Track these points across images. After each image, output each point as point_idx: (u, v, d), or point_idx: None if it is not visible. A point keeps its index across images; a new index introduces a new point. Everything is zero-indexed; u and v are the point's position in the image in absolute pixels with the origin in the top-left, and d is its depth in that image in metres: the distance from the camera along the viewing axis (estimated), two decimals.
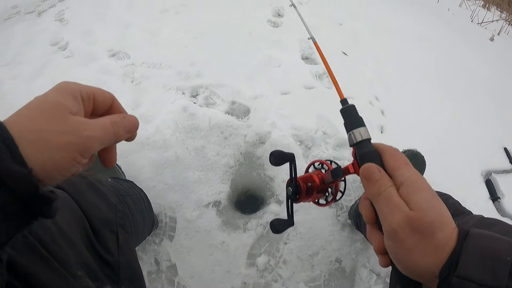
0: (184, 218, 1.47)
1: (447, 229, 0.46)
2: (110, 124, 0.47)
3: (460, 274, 0.43)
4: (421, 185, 0.48)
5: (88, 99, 0.47)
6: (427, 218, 0.45)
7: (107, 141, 0.47)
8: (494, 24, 3.78)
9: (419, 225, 0.45)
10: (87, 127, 0.43)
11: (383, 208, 0.48)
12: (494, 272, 0.42)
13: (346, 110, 0.59)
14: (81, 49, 2.25)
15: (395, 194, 0.48)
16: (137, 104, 1.80)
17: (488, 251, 0.44)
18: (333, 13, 2.75)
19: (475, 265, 0.43)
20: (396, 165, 0.50)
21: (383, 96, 2.07)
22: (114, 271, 0.77)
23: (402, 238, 0.46)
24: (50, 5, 2.86)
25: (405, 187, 0.48)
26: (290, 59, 2.14)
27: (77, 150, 0.41)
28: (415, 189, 0.47)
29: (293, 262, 1.42)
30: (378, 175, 0.50)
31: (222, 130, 1.67)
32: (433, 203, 0.47)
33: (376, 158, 0.52)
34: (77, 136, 0.41)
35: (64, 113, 0.42)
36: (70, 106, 0.43)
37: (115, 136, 0.48)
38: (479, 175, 1.89)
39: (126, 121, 0.50)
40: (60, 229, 0.63)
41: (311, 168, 0.70)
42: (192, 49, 2.17)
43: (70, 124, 0.41)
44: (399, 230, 0.46)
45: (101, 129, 0.45)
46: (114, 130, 0.47)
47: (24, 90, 2.00)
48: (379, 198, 0.49)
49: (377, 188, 0.49)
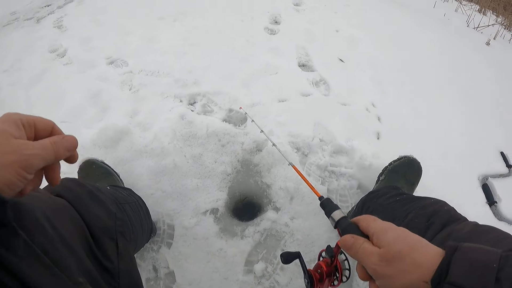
0: (182, 226, 1.48)
1: (420, 250, 0.54)
2: (50, 143, 0.53)
3: (451, 281, 0.48)
4: (386, 229, 0.59)
5: (29, 126, 0.53)
6: (394, 249, 0.55)
7: (48, 158, 0.53)
8: (490, 28, 3.81)
9: (390, 256, 0.55)
10: (27, 147, 0.50)
11: (363, 260, 0.59)
12: (482, 278, 0.47)
13: (324, 202, 0.76)
14: (79, 56, 2.26)
15: (368, 245, 0.59)
16: (135, 112, 1.81)
17: (476, 261, 0.49)
18: (330, 20, 2.78)
19: (464, 274, 0.48)
20: (367, 225, 0.62)
21: (380, 102, 2.08)
22: (114, 278, 0.78)
23: (382, 272, 0.55)
24: (49, 12, 2.88)
25: (376, 235, 0.59)
26: (287, 66, 2.15)
27: (21, 166, 0.48)
28: (382, 232, 0.58)
29: (290, 269, 1.43)
30: (352, 240, 0.61)
31: (220, 138, 1.68)
32: (398, 236, 0.57)
33: (352, 228, 0.65)
34: (20, 154, 0.48)
35: (8, 137, 0.49)
36: (13, 132, 0.50)
37: (55, 153, 0.54)
38: (475, 180, 1.89)
39: (65, 141, 0.56)
40: (61, 237, 0.64)
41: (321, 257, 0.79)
42: (189, 56, 2.19)
43: (14, 146, 0.48)
44: (377, 267, 0.56)
45: (41, 148, 0.52)
46: (54, 148, 0.54)
47: (22, 96, 2.01)
48: (358, 254, 0.60)
49: (354, 249, 0.60)
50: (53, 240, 0.62)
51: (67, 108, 1.88)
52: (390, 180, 1.44)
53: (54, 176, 0.57)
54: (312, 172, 1.62)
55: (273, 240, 1.48)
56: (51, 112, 1.87)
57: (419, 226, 0.97)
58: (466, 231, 0.84)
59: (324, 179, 1.61)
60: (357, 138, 1.77)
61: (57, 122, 0.59)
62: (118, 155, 1.58)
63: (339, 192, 1.59)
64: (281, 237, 1.48)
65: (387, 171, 1.47)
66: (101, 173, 1.39)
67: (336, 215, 0.70)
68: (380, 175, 1.50)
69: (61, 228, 0.66)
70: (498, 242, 0.72)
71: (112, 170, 1.45)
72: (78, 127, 1.76)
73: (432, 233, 0.91)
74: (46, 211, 0.65)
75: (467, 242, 0.76)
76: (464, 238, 0.81)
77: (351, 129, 1.81)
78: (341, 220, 0.69)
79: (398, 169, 1.45)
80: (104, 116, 1.82)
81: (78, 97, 1.95)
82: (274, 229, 1.50)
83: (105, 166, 1.43)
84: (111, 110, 1.85)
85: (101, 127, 1.64)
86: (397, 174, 1.44)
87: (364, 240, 0.60)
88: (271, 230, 1.50)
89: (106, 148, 1.60)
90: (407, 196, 1.21)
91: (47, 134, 0.57)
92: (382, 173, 1.50)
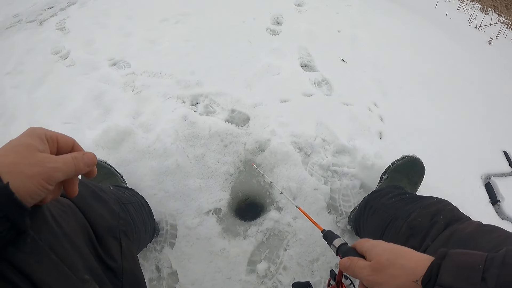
0: (185, 226, 1.48)
1: (407, 256, 0.61)
2: (71, 158, 0.57)
3: (441, 283, 0.53)
4: (375, 245, 0.67)
5: (52, 140, 0.57)
6: (383, 258, 0.62)
7: (69, 172, 0.57)
8: (492, 27, 3.81)
9: (380, 266, 0.62)
10: (51, 160, 0.54)
11: (358, 274, 0.66)
12: (470, 279, 0.52)
13: (326, 234, 0.86)
14: (82, 58, 2.27)
15: (361, 262, 0.66)
16: (137, 113, 1.82)
17: (464, 264, 0.54)
18: (332, 21, 2.78)
19: (453, 275, 0.53)
20: (361, 246, 0.70)
21: (382, 102, 2.08)
22: (118, 277, 0.79)
23: (374, 280, 0.62)
24: (51, 14, 2.89)
25: (367, 252, 0.67)
26: (289, 67, 2.16)
27: (44, 178, 0.51)
28: (372, 248, 0.66)
29: (293, 269, 1.43)
30: (348, 261, 0.69)
31: (222, 138, 1.68)
32: (385, 249, 0.64)
33: (350, 251, 0.73)
34: (43, 167, 0.52)
35: (33, 150, 0.52)
36: (38, 145, 0.53)
37: (75, 168, 0.58)
38: (478, 179, 1.89)
39: (85, 157, 0.60)
40: (67, 235, 0.65)
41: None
42: (192, 57, 2.20)
43: (38, 159, 0.52)
44: (369, 277, 0.63)
45: (63, 162, 0.55)
46: (75, 163, 0.58)
47: (25, 98, 2.02)
48: (354, 271, 0.67)
49: (350, 268, 0.68)
50: (59, 237, 0.63)
51: (70, 110, 1.89)
52: (393, 180, 1.44)
53: (72, 189, 0.61)
54: (315, 172, 1.62)
55: (275, 240, 1.48)
56: (54, 113, 1.88)
57: (422, 225, 0.97)
58: (469, 230, 0.84)
59: (326, 179, 1.61)
60: (360, 137, 1.77)
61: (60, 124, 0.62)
62: (121, 155, 1.58)
63: (341, 192, 1.59)
64: (283, 237, 1.48)
65: (390, 170, 1.47)
66: (104, 174, 1.40)
67: (337, 243, 0.79)
68: (383, 175, 1.50)
69: (65, 226, 0.66)
70: (502, 242, 0.73)
71: (115, 171, 1.46)
72: (81, 128, 1.76)
73: (435, 232, 0.91)
74: (51, 209, 0.65)
75: (471, 241, 0.77)
76: (467, 237, 0.81)
77: (354, 128, 1.81)
78: (341, 246, 0.78)
79: (401, 169, 1.45)
80: (107, 117, 1.83)
81: (81, 99, 1.95)
82: (276, 229, 1.50)
83: (108, 167, 1.44)
84: (114, 111, 1.85)
85: (104, 128, 1.65)
86: (400, 173, 1.44)
87: (359, 259, 0.68)
88: (274, 230, 1.50)
89: (109, 149, 1.61)
90: (410, 195, 1.20)
91: (68, 150, 0.61)
92: (385, 173, 1.49)
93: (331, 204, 1.56)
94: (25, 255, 0.53)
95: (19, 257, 0.52)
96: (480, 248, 0.62)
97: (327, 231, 0.87)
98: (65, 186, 0.61)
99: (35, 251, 0.55)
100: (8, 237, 0.50)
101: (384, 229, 1.12)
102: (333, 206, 1.56)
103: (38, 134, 0.55)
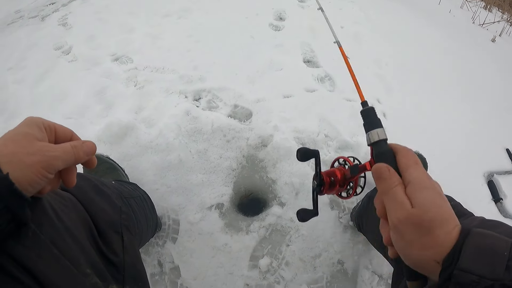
0: (187, 221, 1.48)
1: (448, 226, 0.50)
2: (70, 147, 0.57)
3: (462, 267, 0.46)
4: (426, 184, 0.52)
5: (50, 129, 0.57)
6: (427, 216, 0.50)
7: (68, 160, 0.57)
8: (496, 25, 3.78)
9: (419, 222, 0.50)
10: (49, 148, 0.54)
11: (389, 204, 0.54)
12: (493, 266, 0.46)
13: (366, 111, 0.65)
14: (84, 54, 2.27)
15: (400, 192, 0.53)
16: (140, 108, 1.82)
17: (487, 248, 0.48)
18: (334, 16, 2.77)
19: (475, 260, 0.47)
20: (406, 165, 0.55)
21: (385, 98, 2.07)
22: (119, 271, 0.78)
23: (402, 232, 0.51)
24: (53, 10, 2.88)
25: (411, 185, 0.53)
26: (292, 63, 2.15)
27: (43, 166, 0.51)
28: (420, 188, 0.52)
29: (295, 264, 1.43)
30: (387, 175, 0.55)
31: (225, 133, 1.68)
32: (435, 201, 0.51)
33: (389, 158, 0.57)
34: (42, 155, 0.52)
35: (31, 139, 0.52)
36: (36, 134, 0.54)
37: (75, 156, 0.58)
38: (481, 176, 1.88)
39: (85, 145, 0.60)
40: (68, 229, 0.64)
41: (336, 163, 0.75)
42: (194, 53, 2.19)
43: (37, 147, 0.52)
44: (400, 225, 0.51)
45: (62, 150, 0.55)
46: (74, 152, 0.58)
47: (28, 94, 2.02)
48: (387, 195, 0.54)
49: (385, 186, 0.55)
50: (61, 231, 0.62)
51: (73, 105, 1.88)
52: None
53: (70, 179, 0.61)
54: None
55: (278, 235, 1.48)
56: (57, 108, 1.87)
57: None
58: (474, 225, 0.83)
59: None
60: (362, 134, 1.75)
61: (63, 119, 0.62)
62: (123, 150, 1.58)
63: None
64: (286, 232, 1.48)
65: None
66: (106, 168, 1.40)
67: (377, 134, 0.60)
68: None
69: (67, 220, 0.66)
70: (507, 236, 0.72)
71: (117, 165, 1.46)
72: (84, 123, 1.76)
73: None
74: (53, 203, 0.65)
75: None
76: None
77: (356, 124, 1.81)
78: (380, 142, 0.60)
79: None
80: (109, 112, 1.83)
81: (83, 94, 1.95)
82: (279, 224, 1.50)
83: (110, 161, 1.43)
84: (116, 106, 1.85)
85: (106, 123, 1.65)
86: None
87: (399, 181, 0.54)
88: (276, 225, 1.50)
89: (112, 144, 1.61)
90: None
91: (67, 140, 0.61)
92: None
93: (333, 200, 1.55)
94: (26, 249, 0.53)
95: (20, 251, 0.52)
96: None
97: (369, 108, 0.66)
98: (63, 176, 0.60)
99: (36, 244, 0.55)
100: (8, 229, 0.49)
101: None
102: (335, 201, 1.55)
103: (36, 123, 0.55)
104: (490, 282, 0.45)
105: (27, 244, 0.53)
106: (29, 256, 0.53)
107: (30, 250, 0.53)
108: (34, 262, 0.53)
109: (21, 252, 0.52)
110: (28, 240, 0.54)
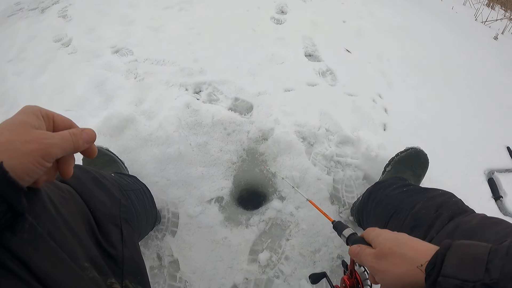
0: (187, 214, 1.47)
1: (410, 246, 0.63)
2: (69, 134, 0.56)
3: (445, 273, 0.53)
4: (380, 233, 0.69)
5: (47, 117, 0.56)
6: (386, 247, 0.64)
7: (67, 148, 0.55)
8: (498, 23, 3.76)
9: (382, 253, 0.64)
10: (47, 136, 0.52)
11: (364, 261, 0.68)
12: (474, 269, 0.52)
13: (336, 225, 0.90)
14: (84, 46, 2.25)
15: (368, 250, 0.69)
16: (140, 100, 1.81)
17: (467, 255, 0.54)
18: (337, 11, 2.76)
19: (457, 266, 0.53)
20: (367, 235, 0.73)
21: (386, 93, 2.06)
22: (118, 265, 0.77)
23: (377, 267, 0.64)
24: (53, 2, 2.87)
25: (373, 241, 0.69)
26: (293, 56, 2.14)
27: (41, 155, 0.50)
28: (376, 237, 0.69)
29: (295, 259, 1.42)
30: (357, 249, 0.71)
31: (225, 126, 1.67)
32: (389, 238, 0.66)
33: (359, 240, 0.75)
34: (40, 143, 0.50)
35: (28, 127, 0.51)
36: (33, 122, 0.52)
37: (74, 144, 0.56)
38: (481, 174, 1.88)
39: (84, 133, 0.59)
40: (66, 221, 0.63)
41: None
42: (195, 45, 2.18)
43: (34, 135, 0.50)
44: (373, 264, 0.65)
45: (60, 138, 0.54)
46: (73, 139, 0.56)
47: (27, 86, 2.01)
48: (361, 258, 0.69)
49: (359, 255, 0.70)
50: (58, 224, 0.61)
51: (72, 97, 1.88)
52: (396, 171, 1.43)
53: (67, 169, 0.59)
54: (318, 162, 1.61)
55: (278, 229, 1.48)
56: (56, 100, 1.87)
57: (426, 216, 0.96)
58: (474, 223, 0.83)
59: (330, 169, 1.60)
60: (363, 128, 1.75)
61: (62, 111, 0.60)
62: (123, 143, 1.57)
63: (344, 183, 1.58)
64: (286, 227, 1.48)
65: (394, 162, 1.46)
66: (106, 161, 1.39)
67: (346, 233, 0.83)
68: (387, 166, 1.49)
69: (65, 212, 0.65)
70: (507, 234, 0.72)
71: (117, 158, 1.45)
72: (84, 116, 1.75)
73: (440, 224, 0.91)
74: (51, 195, 0.64)
75: (476, 233, 0.77)
76: (472, 230, 0.80)
77: (357, 119, 1.80)
78: (350, 236, 0.82)
79: (405, 161, 1.44)
80: (109, 104, 1.82)
81: (83, 86, 1.94)
82: (279, 219, 1.49)
83: (109, 154, 1.42)
84: (116, 99, 1.84)
85: (106, 115, 1.64)
86: (404, 165, 1.43)
87: (367, 246, 0.70)
88: (276, 220, 1.49)
89: (111, 136, 1.60)
90: (414, 187, 1.19)
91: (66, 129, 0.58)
92: (389, 164, 1.48)
93: (334, 195, 1.55)
94: (23, 241, 0.51)
95: (16, 243, 0.50)
96: (485, 241, 0.60)
97: (336, 222, 0.91)
98: (60, 166, 0.58)
99: (33, 237, 0.53)
100: (4, 220, 0.48)
101: (388, 220, 1.11)
102: (336, 196, 1.55)
103: (33, 111, 0.54)
104: (471, 284, 0.50)
105: (24, 237, 0.52)
106: (26, 249, 0.51)
107: (27, 243, 0.52)
108: (31, 255, 0.52)
109: (17, 245, 0.50)
110: (25, 233, 0.52)
